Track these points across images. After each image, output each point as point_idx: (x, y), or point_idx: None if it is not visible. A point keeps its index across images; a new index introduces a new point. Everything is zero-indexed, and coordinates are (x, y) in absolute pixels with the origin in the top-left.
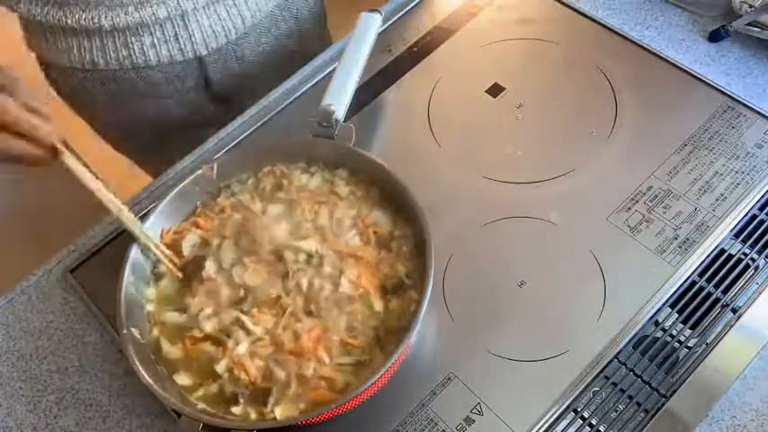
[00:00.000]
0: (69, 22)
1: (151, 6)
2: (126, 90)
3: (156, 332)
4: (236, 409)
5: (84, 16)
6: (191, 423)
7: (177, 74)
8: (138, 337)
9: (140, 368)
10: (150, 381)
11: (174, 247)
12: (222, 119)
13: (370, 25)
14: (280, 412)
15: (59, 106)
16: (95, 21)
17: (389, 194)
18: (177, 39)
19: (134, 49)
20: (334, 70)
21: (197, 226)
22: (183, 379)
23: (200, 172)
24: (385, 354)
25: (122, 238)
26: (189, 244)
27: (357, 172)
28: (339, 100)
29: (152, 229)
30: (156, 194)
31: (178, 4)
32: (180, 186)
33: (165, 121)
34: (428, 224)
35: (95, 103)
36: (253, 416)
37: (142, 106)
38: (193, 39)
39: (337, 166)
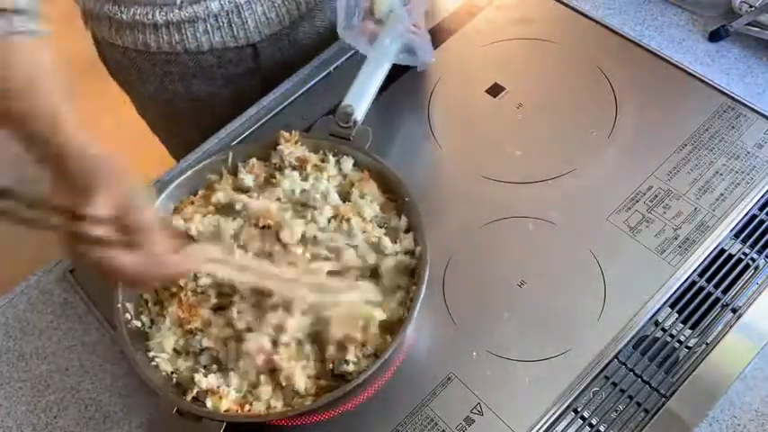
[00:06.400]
0: (124, 17)
1: (205, 1)
2: (176, 71)
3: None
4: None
5: (138, 11)
6: (167, 404)
7: (230, 58)
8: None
9: (128, 342)
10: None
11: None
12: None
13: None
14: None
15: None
16: (150, 16)
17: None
18: (231, 26)
19: (187, 36)
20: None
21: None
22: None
23: (209, 160)
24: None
25: None
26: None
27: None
28: (359, 102)
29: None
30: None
31: None
32: (189, 172)
33: (211, 102)
34: (425, 236)
35: (144, 80)
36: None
37: (191, 87)
38: (247, 26)
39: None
